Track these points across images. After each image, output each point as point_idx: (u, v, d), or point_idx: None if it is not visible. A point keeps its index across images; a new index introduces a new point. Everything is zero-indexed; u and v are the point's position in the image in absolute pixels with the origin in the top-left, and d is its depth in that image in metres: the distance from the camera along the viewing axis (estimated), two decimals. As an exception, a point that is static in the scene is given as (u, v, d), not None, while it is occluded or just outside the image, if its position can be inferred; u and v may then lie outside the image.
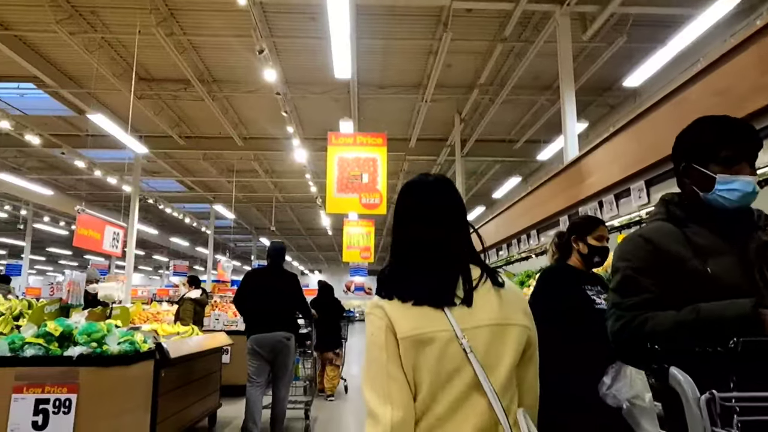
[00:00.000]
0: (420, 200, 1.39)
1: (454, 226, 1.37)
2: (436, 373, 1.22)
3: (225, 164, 17.61)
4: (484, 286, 1.31)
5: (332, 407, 7.31)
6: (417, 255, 1.34)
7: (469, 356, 1.21)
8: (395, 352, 1.24)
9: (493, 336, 1.25)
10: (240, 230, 30.43)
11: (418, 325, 1.23)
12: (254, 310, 4.89)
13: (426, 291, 1.27)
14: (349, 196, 8.24)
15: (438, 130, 14.17)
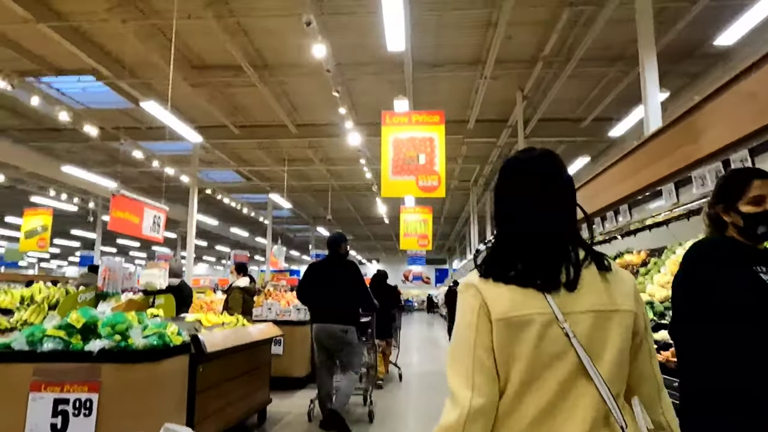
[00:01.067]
0: (524, 175, 1.29)
1: (560, 204, 1.27)
2: (534, 359, 1.14)
3: (280, 153, 17.52)
4: (589, 269, 1.21)
5: (388, 394, 7.30)
6: (520, 234, 1.26)
7: (572, 341, 1.12)
8: (486, 335, 1.17)
9: (597, 322, 1.16)
10: (297, 220, 30.63)
11: (514, 306, 1.16)
12: (314, 301, 5.02)
13: (527, 272, 1.19)
14: (405, 178, 7.75)
15: (498, 109, 13.41)
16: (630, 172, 4.59)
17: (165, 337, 2.76)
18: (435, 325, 25.40)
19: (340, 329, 4.88)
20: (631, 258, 5.92)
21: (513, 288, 1.18)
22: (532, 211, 1.26)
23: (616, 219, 4.29)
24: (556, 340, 1.13)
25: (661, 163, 3.76)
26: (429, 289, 46.07)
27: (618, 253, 6.66)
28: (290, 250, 39.38)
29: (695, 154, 2.96)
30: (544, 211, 1.25)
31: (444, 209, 26.50)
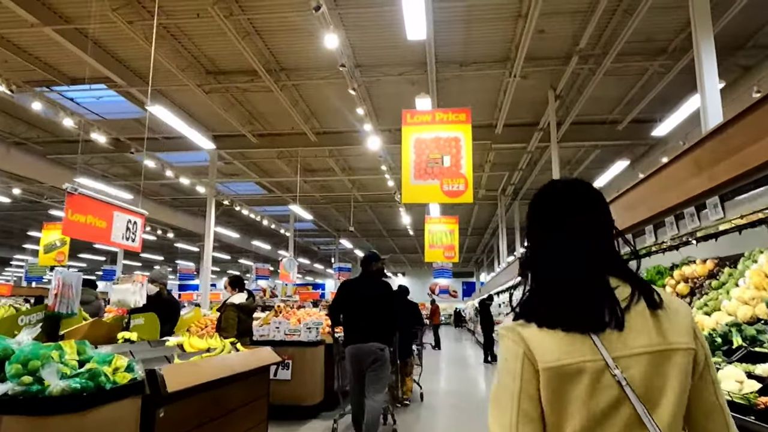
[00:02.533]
0: (551, 207, 1.23)
1: (597, 235, 1.20)
2: (587, 412, 1.05)
3: (300, 163, 17.00)
4: (638, 305, 1.12)
5: (411, 414, 7.14)
6: (557, 271, 1.18)
7: (625, 389, 1.04)
8: (532, 384, 1.10)
9: (652, 365, 1.06)
10: (321, 233, 30.07)
11: (563, 354, 1.07)
12: (352, 320, 4.97)
13: (570, 313, 1.11)
14: (428, 182, 7.02)
15: (528, 112, 12.62)
16: (688, 173, 3.79)
17: (100, 377, 2.06)
18: (463, 340, 24.41)
19: (378, 347, 4.84)
20: (693, 269, 5.05)
21: (556, 332, 1.10)
22: (567, 246, 1.18)
23: (677, 225, 3.47)
24: (608, 390, 1.05)
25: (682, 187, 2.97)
26: (456, 302, 44.99)
27: (672, 265, 5.79)
28: (314, 263, 38.87)
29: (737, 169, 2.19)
30: (580, 245, 1.18)
31: (471, 220, 25.62)
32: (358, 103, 10.41)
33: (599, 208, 1.23)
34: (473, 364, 14.23)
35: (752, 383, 2.52)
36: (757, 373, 2.59)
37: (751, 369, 2.71)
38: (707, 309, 4.04)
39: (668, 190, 2.87)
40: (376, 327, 4.92)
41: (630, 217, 3.64)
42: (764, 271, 3.68)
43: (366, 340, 4.84)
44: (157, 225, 21.92)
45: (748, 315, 3.48)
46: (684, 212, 2.75)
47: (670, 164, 3.05)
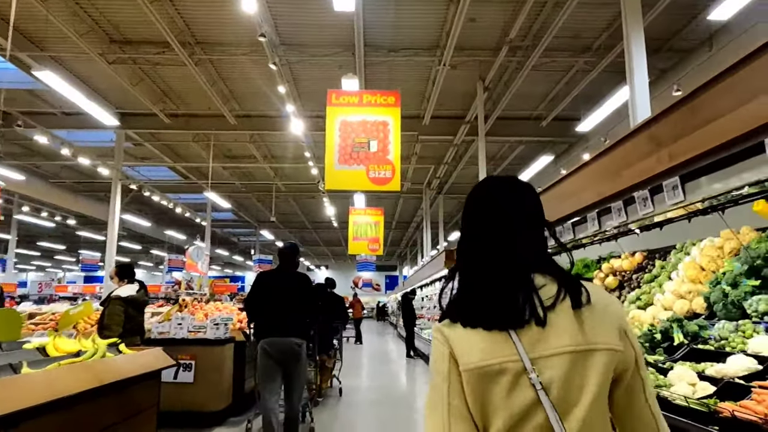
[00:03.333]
0: (482, 203, 1.22)
1: (521, 231, 1.17)
2: (506, 413, 1.04)
3: (219, 148, 16.02)
4: (563, 303, 1.08)
5: (329, 410, 6.97)
6: (478, 268, 1.17)
7: (538, 393, 1.02)
8: (458, 384, 1.10)
9: (572, 366, 1.04)
10: (241, 223, 28.86)
11: (483, 355, 1.07)
12: (266, 313, 4.67)
13: (490, 311, 1.10)
14: (353, 168, 6.58)
15: (456, 103, 12.48)
16: (615, 167, 3.57)
17: None
18: (385, 334, 24.27)
19: (296, 342, 4.58)
20: (621, 262, 4.94)
21: (479, 332, 1.10)
22: (494, 243, 1.17)
23: (599, 222, 3.25)
24: (526, 391, 1.04)
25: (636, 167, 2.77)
26: (379, 296, 45.04)
27: (599, 258, 5.70)
28: (234, 254, 37.40)
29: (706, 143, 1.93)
30: (508, 242, 1.16)
31: (396, 213, 25.47)
32: (281, 84, 9.75)
33: (530, 205, 1.21)
34: (395, 358, 13.99)
35: (705, 386, 2.28)
36: (710, 374, 2.35)
37: (701, 369, 2.48)
38: (640, 303, 3.88)
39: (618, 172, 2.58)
40: (294, 321, 4.68)
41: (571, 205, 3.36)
42: (699, 264, 3.54)
43: (283, 335, 4.58)
44: (56, 210, 20.00)
45: (685, 309, 3.32)
46: (635, 196, 2.47)
47: (623, 142, 2.74)
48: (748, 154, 1.79)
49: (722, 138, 1.78)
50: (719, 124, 1.78)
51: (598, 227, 3.08)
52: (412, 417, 6.92)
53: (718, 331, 2.70)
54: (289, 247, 5.01)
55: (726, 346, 2.59)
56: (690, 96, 1.97)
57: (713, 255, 3.46)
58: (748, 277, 3.01)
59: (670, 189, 2.20)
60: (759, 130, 1.63)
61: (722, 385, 2.21)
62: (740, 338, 2.56)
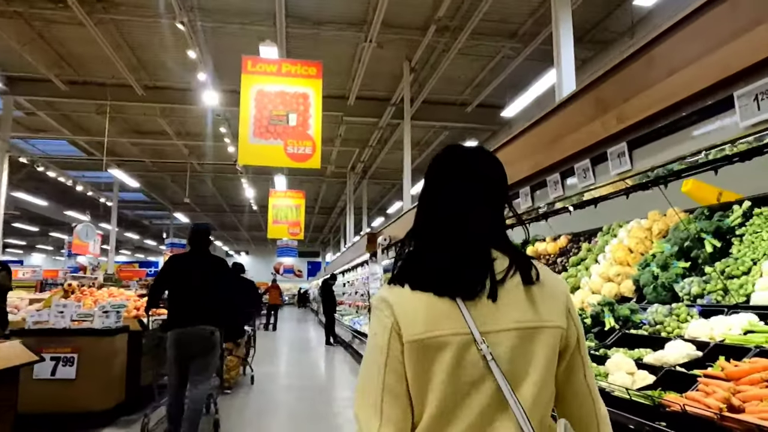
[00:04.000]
0: (452, 168, 1.18)
1: (484, 203, 1.14)
2: (451, 387, 1.02)
3: (127, 122, 14.78)
4: (513, 279, 1.07)
5: (238, 399, 6.73)
6: (435, 236, 1.13)
7: (490, 365, 1.02)
8: (397, 358, 1.05)
9: (521, 341, 1.05)
10: (153, 205, 27.14)
11: (428, 326, 1.04)
12: (176, 301, 4.41)
13: (443, 277, 1.07)
14: (270, 142, 6.08)
15: (382, 84, 12.16)
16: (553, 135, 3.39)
17: None
18: (306, 321, 23.80)
19: (209, 331, 4.36)
20: (545, 246, 4.82)
21: (428, 298, 1.06)
22: (452, 212, 1.14)
23: (532, 197, 3.04)
24: (474, 364, 1.03)
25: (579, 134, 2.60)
26: (301, 282, 44.34)
27: (524, 241, 5.59)
28: (146, 239, 35.29)
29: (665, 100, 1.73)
30: (466, 213, 1.12)
31: (319, 197, 24.93)
32: (195, 53, 8.97)
33: (494, 178, 1.18)
34: (314, 346, 13.61)
35: (644, 375, 2.09)
36: (648, 361, 2.17)
37: (637, 356, 2.30)
38: (570, 285, 3.73)
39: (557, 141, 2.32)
40: (207, 308, 4.41)
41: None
42: (627, 246, 3.41)
43: (195, 323, 4.32)
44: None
45: (613, 292, 3.18)
46: (575, 167, 2.22)
47: (563, 107, 2.47)
48: (710, 112, 1.56)
49: (685, 92, 1.53)
50: (681, 77, 1.54)
51: (532, 203, 2.83)
52: (325, 404, 6.64)
53: (651, 315, 2.54)
54: (200, 227, 4.71)
55: (661, 331, 2.43)
56: (647, 47, 1.72)
57: (641, 237, 3.35)
58: (678, 258, 2.89)
59: (615, 157, 1.96)
60: (728, 80, 1.40)
61: (663, 374, 2.02)
62: (675, 322, 2.40)
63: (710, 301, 2.48)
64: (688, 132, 1.64)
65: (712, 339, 2.14)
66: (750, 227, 2.68)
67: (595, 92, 2.08)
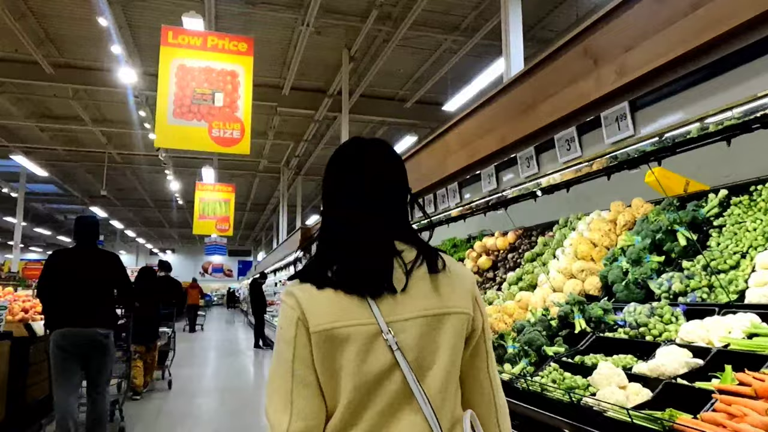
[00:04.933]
0: (353, 164, 1.18)
1: (388, 198, 1.17)
2: (359, 378, 1.02)
3: (34, 104, 13.39)
4: (420, 269, 1.11)
5: (153, 403, 6.50)
6: (343, 233, 1.14)
7: (395, 354, 1.03)
8: (305, 350, 1.05)
9: (427, 328, 1.07)
10: (68, 198, 25.05)
11: (334, 317, 1.04)
12: (60, 300, 4.08)
13: (350, 275, 1.07)
14: (192, 124, 5.41)
15: (319, 75, 11.62)
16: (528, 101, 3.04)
17: None
18: (235, 323, 22.75)
19: (101, 333, 4.10)
20: (493, 242, 4.50)
21: (336, 294, 1.06)
22: (356, 207, 1.14)
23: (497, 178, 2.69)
24: (381, 354, 1.03)
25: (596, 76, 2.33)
26: (231, 282, 42.75)
27: (469, 237, 5.27)
28: (60, 235, 32.71)
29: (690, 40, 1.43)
30: (368, 206, 1.14)
31: (251, 194, 23.92)
32: (109, 23, 8.06)
33: (395, 171, 1.20)
34: (242, 349, 12.84)
35: (637, 388, 1.72)
36: (640, 371, 1.81)
37: (622, 364, 1.94)
38: (523, 284, 3.38)
39: (532, 107, 1.94)
40: (98, 308, 4.14)
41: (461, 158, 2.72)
42: (590, 239, 3.10)
43: (84, 325, 4.04)
44: None
45: (577, 290, 2.84)
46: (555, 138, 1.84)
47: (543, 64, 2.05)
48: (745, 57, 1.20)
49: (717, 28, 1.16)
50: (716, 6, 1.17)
51: (496, 185, 2.44)
52: (250, 410, 6.17)
53: (630, 316, 2.21)
54: (86, 219, 4.41)
55: (646, 334, 2.09)
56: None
57: (605, 229, 3.05)
58: (650, 252, 2.59)
59: (612, 121, 1.59)
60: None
61: (661, 388, 1.66)
62: (661, 324, 2.07)
63: (695, 299, 2.17)
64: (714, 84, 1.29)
65: (710, 344, 1.82)
66: (730, 217, 2.41)
67: (583, 45, 1.69)
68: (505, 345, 2.44)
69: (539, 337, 2.31)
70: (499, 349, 2.46)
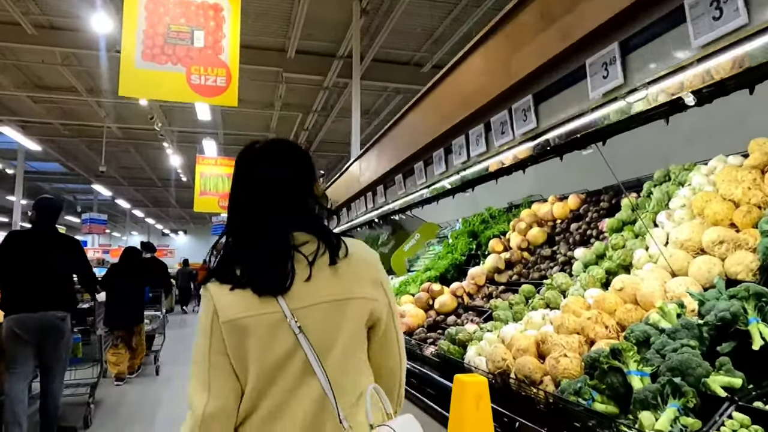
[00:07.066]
0: (246, 169, 1.30)
1: (284, 193, 1.26)
2: (264, 362, 1.16)
3: (24, 72, 12.47)
4: (323, 258, 1.22)
5: (132, 392, 6.44)
6: (243, 232, 1.26)
7: (299, 337, 1.15)
8: (220, 338, 1.18)
9: (329, 314, 1.18)
10: (75, 177, 24.29)
11: (242, 308, 1.17)
12: (15, 283, 4.03)
13: (254, 275, 1.19)
14: (166, 68, 4.39)
15: (327, 35, 10.51)
16: None
17: None
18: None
19: (56, 316, 4.07)
20: (547, 209, 3.46)
21: (244, 291, 1.17)
22: (255, 205, 1.24)
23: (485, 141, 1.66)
24: (286, 338, 1.14)
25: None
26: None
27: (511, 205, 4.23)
28: (67, 215, 32.16)
29: None
30: (267, 205, 1.24)
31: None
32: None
33: (295, 167, 1.28)
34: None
35: None
36: None
37: None
38: (610, 265, 2.32)
39: None
40: (53, 290, 4.09)
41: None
42: (727, 195, 2.04)
43: (37, 308, 4.00)
44: None
45: (715, 272, 1.80)
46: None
47: None
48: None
49: None
50: None
51: (536, 123, 1.41)
52: None
53: None
54: (46, 201, 4.36)
55: None
56: None
57: (748, 180, 1.97)
58: None
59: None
60: None
61: None
62: None
63: None
64: None
65: None
66: None
67: None
68: (624, 370, 1.42)
69: (695, 361, 1.28)
70: (612, 376, 1.44)
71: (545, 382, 1.71)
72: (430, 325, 3.37)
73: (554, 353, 1.71)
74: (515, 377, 1.82)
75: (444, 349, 2.53)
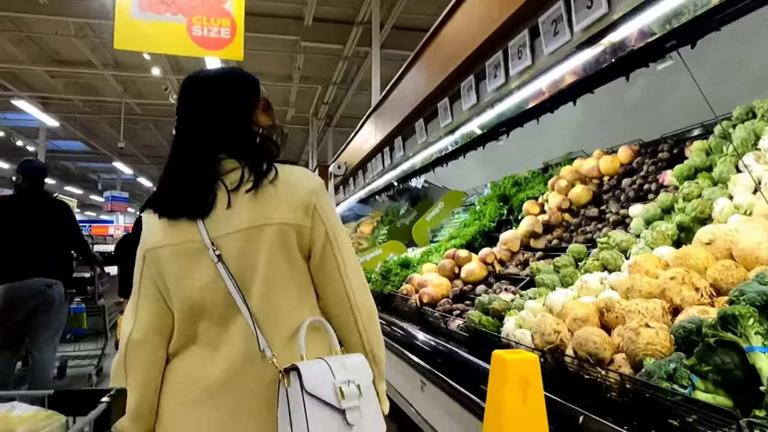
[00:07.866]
0: (184, 96, 1.29)
1: (217, 121, 1.24)
2: (185, 293, 1.14)
3: (39, 46, 12.28)
4: (246, 185, 1.18)
5: None
6: (174, 161, 1.26)
7: (218, 267, 1.12)
8: (147, 267, 1.20)
9: (246, 241, 1.14)
10: (95, 156, 24.35)
11: (164, 238, 1.17)
12: (2, 250, 3.89)
13: (176, 202, 1.19)
14: (165, 18, 4.01)
15: (346, 1, 10.00)
16: None
17: None
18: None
19: (45, 283, 3.89)
20: (592, 165, 3.01)
21: (168, 219, 1.18)
22: (183, 137, 1.25)
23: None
24: (207, 267, 1.12)
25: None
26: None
27: (546, 166, 3.79)
28: (92, 194, 32.51)
29: None
30: (194, 135, 1.23)
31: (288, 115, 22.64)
32: None
33: (231, 95, 1.26)
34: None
35: None
36: None
37: None
38: (684, 218, 1.88)
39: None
40: (42, 256, 3.94)
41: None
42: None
43: (25, 276, 3.85)
44: None
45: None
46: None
47: None
48: None
49: None
50: None
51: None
52: None
53: None
54: (31, 163, 4.19)
55: None
56: None
57: None
58: None
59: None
60: None
61: None
62: None
63: None
64: None
65: None
66: None
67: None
68: (743, 345, 0.99)
69: None
70: (722, 354, 1.02)
71: (617, 361, 1.30)
72: (456, 296, 2.98)
73: (631, 323, 1.29)
74: (574, 354, 1.42)
75: (474, 321, 2.14)
